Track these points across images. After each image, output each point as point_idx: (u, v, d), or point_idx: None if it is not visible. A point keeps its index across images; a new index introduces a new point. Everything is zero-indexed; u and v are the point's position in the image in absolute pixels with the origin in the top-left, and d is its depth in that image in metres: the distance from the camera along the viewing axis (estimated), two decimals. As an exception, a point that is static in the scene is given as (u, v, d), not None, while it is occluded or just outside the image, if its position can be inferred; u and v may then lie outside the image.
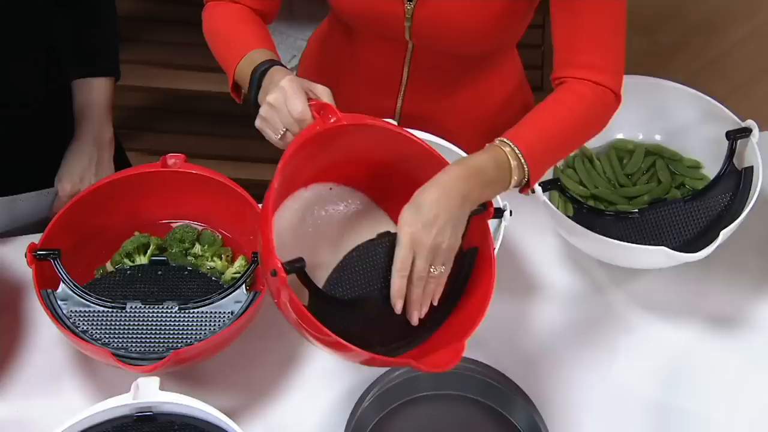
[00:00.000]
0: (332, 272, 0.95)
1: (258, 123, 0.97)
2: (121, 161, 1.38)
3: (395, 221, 0.99)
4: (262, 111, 0.96)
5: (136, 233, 1.18)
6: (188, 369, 1.13)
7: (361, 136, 0.94)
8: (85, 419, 0.95)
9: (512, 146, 0.96)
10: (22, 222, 1.25)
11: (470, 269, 0.96)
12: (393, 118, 1.26)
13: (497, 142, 0.97)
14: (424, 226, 0.88)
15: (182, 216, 1.20)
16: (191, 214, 1.20)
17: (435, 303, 0.93)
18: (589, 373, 1.14)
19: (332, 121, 0.90)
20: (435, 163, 0.94)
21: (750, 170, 1.15)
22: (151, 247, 1.16)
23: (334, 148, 0.94)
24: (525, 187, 0.99)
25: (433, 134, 1.18)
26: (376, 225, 1.00)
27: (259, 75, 1.00)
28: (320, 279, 0.95)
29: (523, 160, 0.96)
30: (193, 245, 1.18)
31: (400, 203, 0.93)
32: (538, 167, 0.98)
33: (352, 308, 0.93)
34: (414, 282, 0.90)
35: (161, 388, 0.97)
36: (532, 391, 1.07)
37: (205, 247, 1.18)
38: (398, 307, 0.91)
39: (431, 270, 0.90)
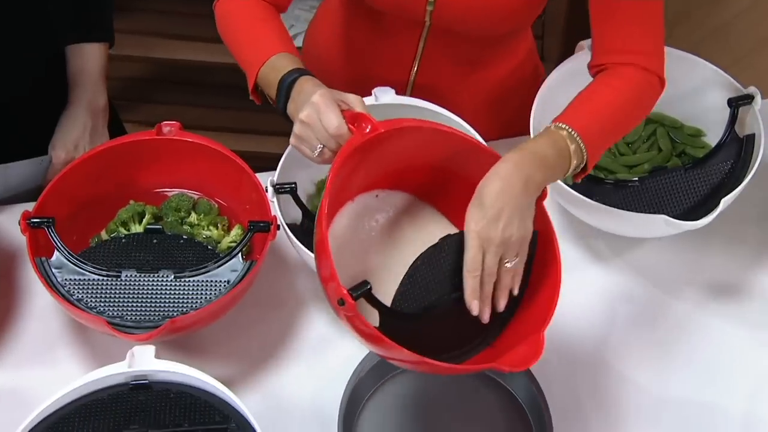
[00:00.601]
0: (400, 286, 0.91)
1: (293, 141, 0.94)
2: (117, 130, 1.37)
3: (448, 217, 0.98)
4: (297, 129, 0.93)
5: (132, 202, 1.17)
6: (184, 338, 1.12)
7: (401, 139, 0.90)
8: (79, 388, 0.95)
9: (569, 130, 0.93)
10: (16, 190, 1.24)
11: (533, 254, 0.92)
12: (406, 89, 1.25)
13: (553, 126, 0.94)
14: (490, 222, 0.86)
15: (178, 185, 1.19)
16: (187, 182, 1.19)
17: (515, 293, 0.90)
18: (587, 343, 1.13)
19: (368, 130, 0.87)
20: (482, 155, 0.92)
21: (752, 138, 1.13)
22: (146, 216, 1.15)
23: (375, 156, 0.91)
24: (581, 172, 0.96)
25: (441, 106, 1.17)
26: (429, 224, 0.97)
27: (287, 85, 0.96)
28: (382, 290, 0.92)
29: (581, 144, 0.93)
30: (189, 214, 1.17)
31: (451, 200, 0.91)
32: (594, 151, 0.95)
33: (424, 318, 0.90)
34: (484, 279, 0.88)
35: (157, 357, 0.96)
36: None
37: (201, 216, 1.17)
38: (474, 309, 0.88)
39: (505, 264, 0.88)
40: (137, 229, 1.14)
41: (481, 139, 1.15)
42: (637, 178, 1.15)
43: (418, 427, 1.06)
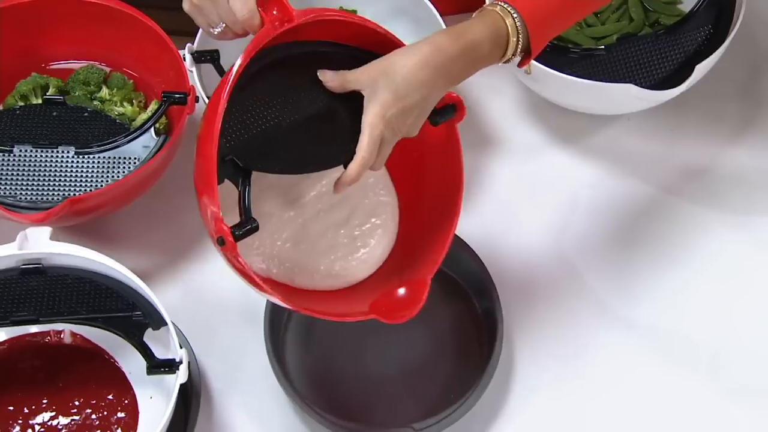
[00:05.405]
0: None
1: (187, 8, 0.78)
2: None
3: None
4: None
5: (34, 74, 1.03)
6: (96, 226, 1.00)
7: (320, 30, 0.77)
8: (-41, 271, 0.83)
9: (514, 16, 0.77)
10: None
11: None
12: None
13: (498, 8, 0.77)
14: (401, 113, 0.73)
15: (87, 56, 1.06)
16: (98, 54, 1.06)
17: None
18: (545, 232, 1.02)
19: (278, 16, 0.73)
20: None
21: (732, -1, 1.01)
22: (50, 89, 1.02)
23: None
24: (525, 58, 0.80)
25: None
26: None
27: None
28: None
29: (522, 36, 0.77)
30: (100, 88, 1.03)
31: None
32: (539, 41, 0.79)
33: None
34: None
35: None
36: (480, 247, 0.95)
37: (114, 90, 1.03)
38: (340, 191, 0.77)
39: None
40: (37, 102, 1.00)
41: (439, 18, 1.03)
42: (603, 47, 1.02)
43: (354, 324, 0.96)
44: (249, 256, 0.79)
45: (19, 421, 0.87)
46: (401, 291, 0.80)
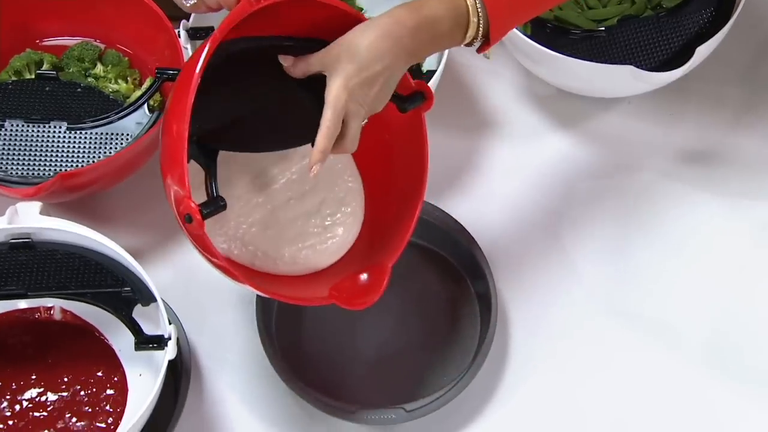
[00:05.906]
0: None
1: None
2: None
3: None
4: None
5: (28, 50, 1.02)
6: (87, 204, 1.00)
7: (296, 14, 0.76)
8: (-54, 244, 0.82)
9: None
10: None
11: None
12: None
13: None
14: (364, 84, 0.72)
15: (82, 33, 1.05)
16: (93, 30, 1.04)
17: None
18: (541, 215, 1.00)
19: None
20: None
21: (735, -20, 1.00)
22: (44, 65, 1.01)
23: (261, 25, 0.77)
24: (484, 44, 0.79)
25: None
26: None
27: None
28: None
29: (482, 19, 0.76)
30: (95, 65, 1.02)
31: None
32: (499, 26, 0.77)
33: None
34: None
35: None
36: (476, 229, 0.94)
37: (108, 67, 1.02)
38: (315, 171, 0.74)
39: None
40: (30, 77, 1.00)
41: None
42: (603, 29, 1.01)
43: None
44: (212, 237, 0.77)
45: (7, 397, 0.86)
46: (363, 276, 0.79)
